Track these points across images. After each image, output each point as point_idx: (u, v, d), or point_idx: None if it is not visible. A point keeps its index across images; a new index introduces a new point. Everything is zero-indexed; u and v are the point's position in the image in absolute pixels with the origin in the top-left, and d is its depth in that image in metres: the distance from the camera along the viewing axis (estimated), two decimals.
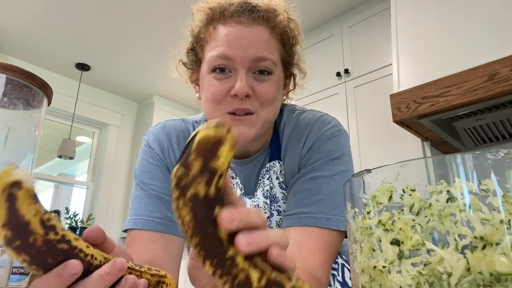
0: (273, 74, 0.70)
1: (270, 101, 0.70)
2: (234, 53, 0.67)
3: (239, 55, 0.67)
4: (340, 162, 0.73)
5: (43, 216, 0.30)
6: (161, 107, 3.98)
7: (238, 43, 0.68)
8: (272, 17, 0.71)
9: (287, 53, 0.75)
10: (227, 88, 0.68)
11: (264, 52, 0.68)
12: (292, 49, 0.77)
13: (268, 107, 0.70)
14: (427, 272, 0.28)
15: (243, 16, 0.69)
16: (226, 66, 0.68)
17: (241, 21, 0.69)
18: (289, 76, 0.80)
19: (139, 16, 2.81)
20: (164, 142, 0.80)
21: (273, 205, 0.76)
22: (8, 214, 0.28)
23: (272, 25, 0.71)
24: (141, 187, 0.76)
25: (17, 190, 0.29)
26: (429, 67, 1.72)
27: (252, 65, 0.68)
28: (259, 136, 0.74)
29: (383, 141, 2.20)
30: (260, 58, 0.68)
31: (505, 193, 0.27)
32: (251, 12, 0.70)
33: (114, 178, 3.85)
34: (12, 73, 0.44)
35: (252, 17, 0.69)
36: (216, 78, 0.69)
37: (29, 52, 3.31)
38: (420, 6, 1.89)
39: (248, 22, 0.69)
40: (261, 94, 0.69)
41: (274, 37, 0.71)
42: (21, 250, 0.29)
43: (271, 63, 0.69)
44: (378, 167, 0.32)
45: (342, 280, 0.80)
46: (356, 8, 2.62)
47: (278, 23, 0.72)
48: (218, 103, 0.69)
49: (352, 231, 0.35)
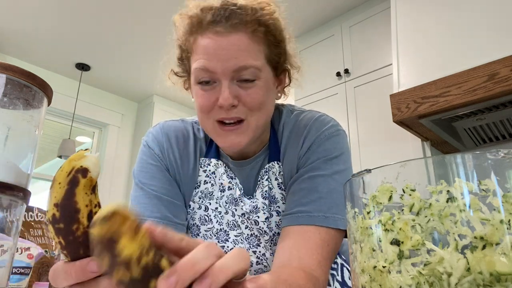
0: (259, 80, 0.69)
1: (258, 107, 0.69)
2: (214, 66, 0.67)
3: (220, 67, 0.67)
4: (339, 161, 0.73)
5: (93, 208, 0.31)
6: (161, 107, 3.98)
7: (217, 56, 0.67)
8: (250, 20, 0.68)
9: (273, 52, 0.73)
10: (213, 99, 0.68)
11: (244, 60, 0.67)
12: (279, 46, 0.74)
13: (257, 112, 0.70)
14: (427, 272, 0.28)
15: (220, 25, 0.67)
16: (210, 78, 0.68)
17: (218, 31, 0.67)
18: (281, 73, 0.79)
19: (140, 16, 2.81)
20: (163, 143, 0.81)
21: (272, 206, 0.76)
22: (64, 196, 0.29)
23: (252, 29, 0.68)
24: (140, 187, 0.76)
25: (81, 176, 0.30)
26: (429, 67, 1.72)
27: (234, 75, 0.67)
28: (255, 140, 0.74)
29: (383, 141, 2.20)
30: (242, 67, 0.67)
31: (505, 193, 0.27)
32: (228, 19, 0.67)
33: (114, 178, 3.85)
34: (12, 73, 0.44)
35: (230, 24, 0.67)
36: (202, 89, 0.70)
37: (29, 52, 3.31)
38: (420, 6, 1.89)
39: (226, 31, 0.67)
40: (248, 101, 0.68)
41: (256, 40, 0.69)
42: (61, 234, 0.30)
43: (254, 69, 0.68)
44: (378, 167, 0.32)
45: (342, 280, 0.80)
46: (356, 8, 2.62)
47: (258, 25, 0.69)
48: (207, 113, 0.70)
49: (352, 231, 0.35)
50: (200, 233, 0.79)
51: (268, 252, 0.76)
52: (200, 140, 0.83)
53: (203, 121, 0.73)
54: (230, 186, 0.79)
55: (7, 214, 0.44)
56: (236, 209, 0.78)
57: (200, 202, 0.79)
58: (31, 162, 0.48)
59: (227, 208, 0.78)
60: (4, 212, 0.44)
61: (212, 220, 0.78)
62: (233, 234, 0.77)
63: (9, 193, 0.43)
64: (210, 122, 0.71)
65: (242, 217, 0.77)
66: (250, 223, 0.77)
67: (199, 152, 0.82)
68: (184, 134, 0.83)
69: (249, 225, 0.77)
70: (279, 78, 0.79)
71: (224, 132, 0.70)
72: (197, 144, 0.82)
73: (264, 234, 0.76)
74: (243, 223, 0.77)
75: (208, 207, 0.79)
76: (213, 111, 0.70)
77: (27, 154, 0.47)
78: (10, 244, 0.45)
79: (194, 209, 0.79)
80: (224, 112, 0.68)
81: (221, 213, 0.78)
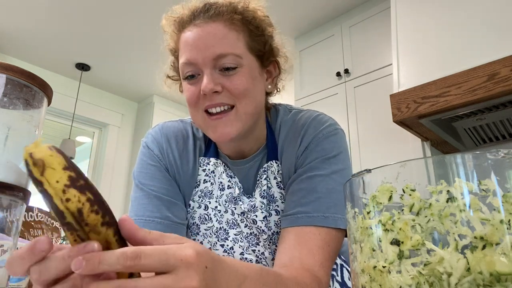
0: (241, 67, 0.70)
1: (243, 93, 0.70)
2: (195, 57, 0.69)
3: (199, 57, 0.69)
4: (337, 161, 0.73)
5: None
6: (161, 107, 3.98)
7: (196, 46, 0.69)
8: (227, 10, 0.71)
9: (255, 42, 0.74)
10: (198, 90, 0.70)
11: (222, 48, 0.69)
12: (262, 36, 0.75)
13: (243, 99, 0.70)
14: (427, 272, 0.28)
15: (198, 18, 0.71)
16: (193, 71, 0.71)
17: (196, 23, 0.71)
18: (269, 64, 0.79)
19: (140, 16, 2.81)
20: (162, 143, 0.81)
21: (271, 205, 0.77)
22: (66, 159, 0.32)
23: (228, 17, 0.70)
24: (140, 188, 0.77)
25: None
26: (429, 67, 1.72)
27: (214, 63, 0.69)
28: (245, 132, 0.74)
29: (383, 141, 2.20)
30: (220, 55, 0.68)
31: (505, 193, 0.27)
32: (205, 12, 0.71)
33: (114, 178, 3.85)
34: (12, 73, 0.44)
35: (207, 16, 0.70)
36: (189, 83, 0.72)
37: (29, 52, 3.31)
38: (420, 6, 1.89)
39: (203, 22, 0.70)
40: (231, 88, 0.69)
41: (234, 29, 0.71)
42: (86, 189, 0.32)
43: (233, 57, 0.69)
44: (378, 167, 0.32)
45: (341, 281, 0.80)
46: (356, 8, 2.62)
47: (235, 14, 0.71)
48: (195, 106, 0.72)
49: (352, 231, 0.35)
50: (200, 232, 0.79)
51: (267, 251, 0.76)
52: (199, 140, 0.83)
53: (194, 115, 0.74)
54: (230, 185, 0.79)
55: (7, 214, 0.44)
56: (235, 207, 0.78)
57: (200, 201, 0.79)
58: None
59: (227, 207, 0.78)
60: (4, 212, 0.44)
61: (212, 219, 0.79)
62: (233, 232, 0.78)
63: (9, 193, 0.43)
64: (199, 114, 0.72)
65: (242, 216, 0.77)
66: (249, 222, 0.77)
67: (198, 152, 0.82)
68: (183, 134, 0.83)
69: (248, 224, 0.77)
70: (267, 70, 0.79)
71: (213, 122, 0.71)
72: (196, 144, 0.83)
73: (263, 233, 0.76)
74: (243, 222, 0.77)
75: (208, 206, 0.79)
76: (199, 102, 0.71)
77: None
78: (10, 244, 0.45)
79: (194, 208, 0.79)
80: (209, 100, 0.70)
81: (220, 211, 0.78)
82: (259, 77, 0.75)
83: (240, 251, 0.77)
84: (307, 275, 0.58)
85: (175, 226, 0.75)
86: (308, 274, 0.58)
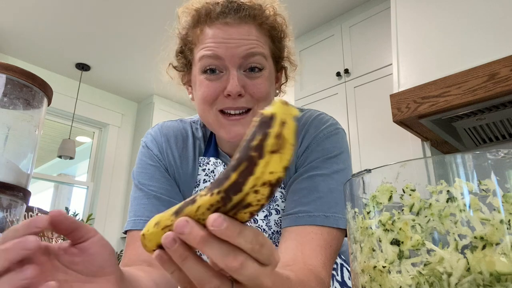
0: (264, 69, 0.70)
1: (264, 97, 0.70)
2: (223, 52, 0.68)
3: (229, 54, 0.68)
4: (338, 161, 0.73)
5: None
6: (161, 107, 3.98)
7: (226, 43, 0.68)
8: (258, 14, 0.71)
9: (276, 48, 0.75)
10: (219, 88, 0.69)
11: (253, 47, 0.69)
12: (281, 43, 0.77)
13: (263, 103, 0.70)
14: (427, 272, 0.28)
15: (229, 16, 0.70)
16: (217, 66, 0.69)
17: (227, 22, 0.69)
18: (279, 70, 0.81)
19: (140, 16, 2.81)
20: (162, 143, 0.81)
21: (271, 204, 0.76)
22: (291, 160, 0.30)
23: (259, 22, 0.71)
24: (140, 188, 0.77)
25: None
26: (429, 67, 1.72)
27: (242, 62, 0.69)
28: None
29: (383, 141, 2.20)
30: (250, 53, 0.68)
31: (505, 193, 0.27)
32: (237, 12, 0.70)
33: (114, 178, 3.85)
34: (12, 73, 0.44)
35: (239, 16, 0.70)
36: (208, 79, 0.70)
37: (29, 52, 3.31)
38: (420, 6, 1.89)
39: (235, 22, 0.69)
40: (255, 91, 0.69)
41: (262, 33, 0.72)
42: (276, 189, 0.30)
43: (261, 57, 0.69)
44: (378, 167, 0.32)
45: (341, 280, 0.80)
46: (356, 8, 2.62)
47: (265, 19, 0.72)
48: (211, 104, 0.70)
49: (352, 231, 0.35)
50: None
51: None
52: (198, 139, 0.83)
53: (205, 113, 0.72)
54: None
55: (7, 214, 0.44)
56: None
57: None
58: (31, 162, 0.48)
59: None
60: (4, 212, 0.44)
61: None
62: None
63: (9, 193, 0.43)
64: (213, 113, 0.71)
65: None
66: (249, 221, 0.77)
67: (198, 151, 0.82)
68: (182, 134, 0.83)
69: (248, 223, 0.77)
70: (277, 76, 0.80)
71: (229, 122, 0.70)
72: (195, 144, 0.83)
73: (263, 232, 0.76)
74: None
75: None
76: (218, 101, 0.70)
77: (27, 154, 0.47)
78: None
79: None
80: (231, 102, 0.68)
81: None
82: (273, 82, 0.76)
83: None
84: (312, 277, 0.57)
85: None
86: (313, 276, 0.58)
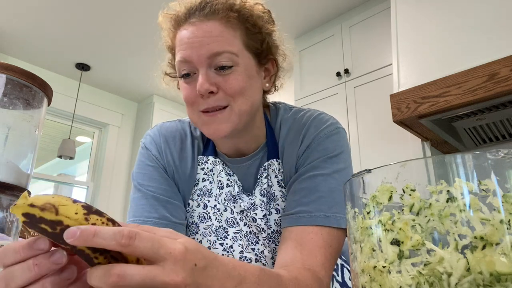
0: (237, 65, 0.69)
1: (239, 92, 0.69)
2: (189, 55, 0.68)
3: (194, 56, 0.68)
4: (339, 160, 0.73)
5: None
6: (161, 107, 3.98)
7: (191, 44, 0.69)
8: (222, 8, 0.70)
9: (252, 39, 0.73)
10: (195, 89, 0.69)
11: (218, 46, 0.68)
12: (259, 33, 0.74)
13: (240, 98, 0.70)
14: (427, 272, 0.28)
15: (193, 16, 0.70)
16: (189, 69, 0.70)
17: (192, 22, 0.70)
18: (267, 62, 0.78)
19: (140, 16, 2.81)
20: (161, 144, 0.81)
21: (271, 203, 0.76)
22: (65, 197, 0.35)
23: (223, 15, 0.70)
24: (138, 188, 0.77)
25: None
26: (429, 67, 1.72)
27: (210, 62, 0.68)
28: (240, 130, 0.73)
29: (383, 141, 2.20)
30: (215, 53, 0.68)
31: (505, 193, 0.27)
32: (201, 10, 0.70)
33: (114, 178, 3.85)
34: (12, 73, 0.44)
35: (202, 14, 0.70)
36: (185, 82, 0.72)
37: (29, 52, 3.31)
38: (420, 6, 1.89)
39: (198, 20, 0.70)
40: (227, 88, 0.69)
41: (230, 26, 0.70)
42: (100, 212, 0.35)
43: (229, 54, 0.68)
44: (378, 167, 0.32)
45: (342, 281, 0.80)
46: (356, 8, 2.62)
47: (231, 12, 0.71)
48: (192, 105, 0.72)
49: (352, 231, 0.35)
50: (199, 231, 0.79)
51: (266, 249, 0.76)
52: (197, 139, 0.83)
53: (190, 114, 0.74)
54: (229, 183, 0.79)
55: (7, 214, 0.44)
56: (234, 206, 0.78)
57: (199, 200, 0.79)
58: (31, 162, 0.48)
59: (226, 205, 0.78)
60: (4, 212, 0.44)
61: (211, 218, 0.79)
62: (232, 231, 0.78)
63: (9, 193, 0.43)
64: (196, 113, 0.72)
65: (241, 214, 0.77)
66: (248, 220, 0.77)
67: (196, 150, 0.82)
68: (181, 134, 0.83)
69: (247, 222, 0.77)
70: (265, 68, 0.78)
71: (208, 119, 0.70)
72: (194, 143, 0.83)
73: (262, 231, 0.76)
74: (242, 220, 0.77)
75: (207, 205, 0.79)
76: (196, 103, 0.71)
77: (27, 154, 0.47)
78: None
79: (193, 207, 0.79)
80: (206, 103, 0.69)
81: (219, 210, 0.78)
82: (256, 76, 0.74)
83: (239, 249, 0.77)
84: (308, 276, 0.57)
85: (174, 226, 0.75)
86: (309, 275, 0.58)
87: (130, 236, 0.32)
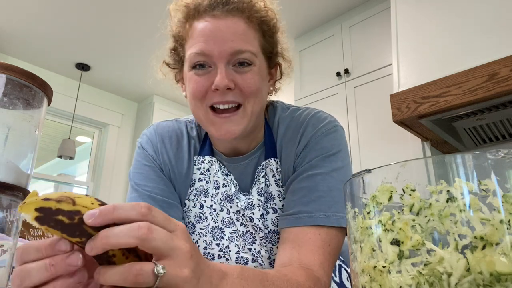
0: (254, 65, 0.70)
1: (254, 92, 0.69)
2: (211, 49, 0.67)
3: (216, 50, 0.67)
4: (337, 159, 0.72)
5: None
6: (161, 107, 3.98)
7: (214, 38, 0.67)
8: (247, 7, 0.70)
9: (267, 42, 0.74)
10: (208, 83, 0.68)
11: (241, 44, 0.68)
12: (273, 37, 0.75)
13: (253, 98, 0.70)
14: (427, 272, 0.28)
15: (217, 9, 0.69)
16: (205, 62, 0.69)
17: (215, 14, 0.69)
18: (273, 66, 0.79)
19: (140, 16, 2.81)
20: (157, 143, 0.81)
21: (269, 203, 0.76)
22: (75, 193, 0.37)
23: (248, 15, 0.70)
24: (135, 188, 0.77)
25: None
26: (429, 67, 1.72)
27: (230, 58, 0.68)
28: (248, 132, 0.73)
29: (383, 141, 2.20)
30: (238, 51, 0.67)
31: (505, 193, 0.27)
32: (225, 5, 0.69)
33: (114, 178, 3.85)
34: (12, 73, 0.44)
35: (226, 9, 0.69)
36: (197, 74, 0.70)
37: (29, 52, 3.31)
38: (420, 6, 1.89)
39: (222, 15, 0.68)
40: (244, 86, 0.68)
41: (252, 27, 0.70)
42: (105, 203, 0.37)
43: (250, 54, 0.68)
44: (378, 167, 0.32)
45: (339, 281, 0.80)
46: (356, 8, 2.62)
47: (254, 12, 0.71)
48: (200, 99, 0.70)
49: (352, 231, 0.35)
50: (196, 231, 0.78)
51: (263, 249, 0.76)
52: (193, 139, 0.83)
53: (196, 109, 0.72)
54: (225, 183, 0.78)
55: (7, 214, 0.44)
56: (231, 206, 0.77)
57: (195, 200, 0.79)
58: (31, 162, 0.48)
59: (222, 206, 0.78)
60: (4, 212, 0.44)
61: (207, 218, 0.78)
62: (228, 231, 0.77)
63: (9, 193, 0.43)
64: (203, 109, 0.71)
65: (237, 214, 0.77)
66: (245, 220, 0.76)
67: (193, 150, 0.82)
68: (177, 134, 0.83)
69: (244, 222, 0.77)
70: (270, 72, 0.79)
71: (219, 120, 0.70)
72: (190, 143, 0.82)
73: (259, 231, 0.75)
74: (238, 220, 0.77)
75: (203, 205, 0.79)
76: (207, 96, 0.69)
77: (27, 154, 0.47)
78: (10, 244, 0.45)
79: (189, 207, 0.79)
80: (219, 96, 0.68)
81: (216, 210, 0.78)
82: (265, 78, 0.75)
83: (236, 250, 0.76)
84: (302, 274, 0.57)
85: None
86: (304, 273, 0.58)
87: (148, 207, 0.35)
